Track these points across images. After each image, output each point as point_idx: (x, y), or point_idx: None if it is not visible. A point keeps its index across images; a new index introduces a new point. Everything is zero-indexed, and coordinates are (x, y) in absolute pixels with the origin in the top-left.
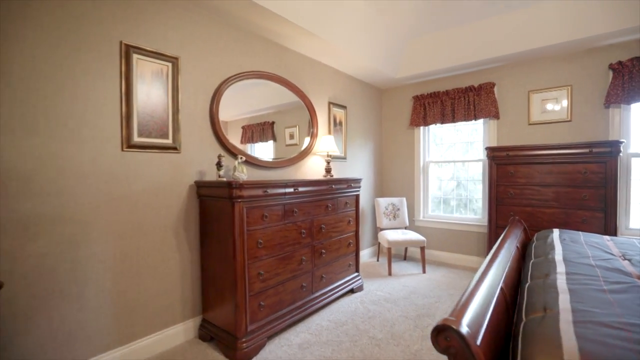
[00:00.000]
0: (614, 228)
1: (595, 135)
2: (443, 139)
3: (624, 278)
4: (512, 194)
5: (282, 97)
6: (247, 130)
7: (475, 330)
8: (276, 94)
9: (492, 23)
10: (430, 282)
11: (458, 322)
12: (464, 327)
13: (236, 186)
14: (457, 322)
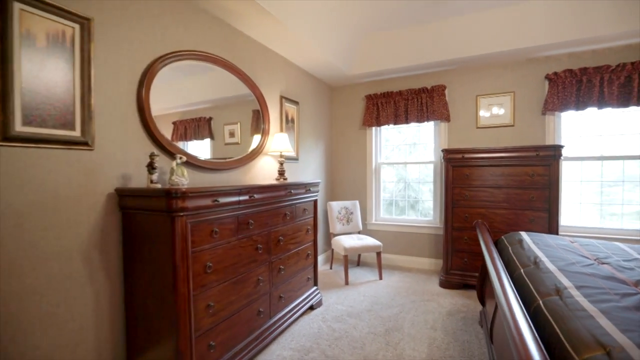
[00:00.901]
0: (556, 227)
1: (534, 140)
2: (389, 141)
3: (625, 288)
4: (467, 196)
5: (221, 89)
6: (180, 126)
7: None
8: (215, 87)
9: (447, 25)
10: (390, 289)
11: None
12: None
13: (178, 195)
14: None
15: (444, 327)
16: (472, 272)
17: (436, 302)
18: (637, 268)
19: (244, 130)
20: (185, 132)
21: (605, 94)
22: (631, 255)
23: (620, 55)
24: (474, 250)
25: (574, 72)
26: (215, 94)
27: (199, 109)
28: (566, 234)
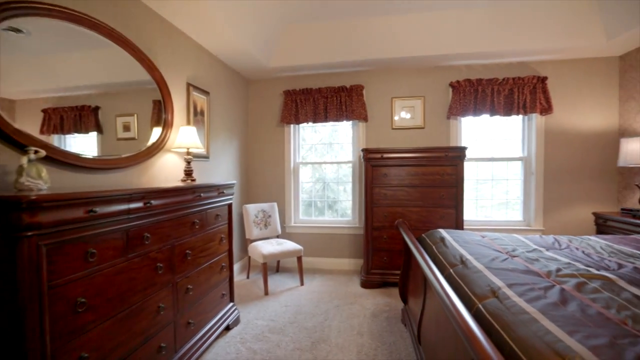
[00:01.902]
0: (462, 222)
1: (441, 142)
2: (306, 140)
3: (542, 281)
4: (386, 195)
5: (113, 73)
6: (54, 115)
7: None
8: (105, 68)
9: (367, 25)
10: (312, 295)
11: None
12: None
13: (23, 206)
14: None
15: (370, 330)
16: (392, 270)
17: (359, 304)
18: (541, 259)
19: (143, 123)
20: (62, 123)
21: (495, 103)
22: (530, 246)
23: (505, 71)
24: (393, 249)
25: (472, 82)
26: (106, 78)
27: (82, 95)
28: (467, 228)
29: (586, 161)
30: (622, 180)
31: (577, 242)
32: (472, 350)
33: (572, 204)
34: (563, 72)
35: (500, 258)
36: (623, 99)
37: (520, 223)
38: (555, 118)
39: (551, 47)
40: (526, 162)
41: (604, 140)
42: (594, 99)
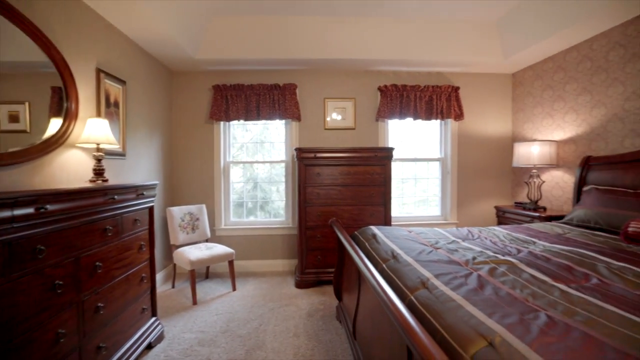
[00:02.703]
0: (390, 219)
1: (371, 142)
2: (236, 139)
3: (462, 269)
4: (319, 194)
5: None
6: None
7: None
8: None
9: (302, 23)
10: (246, 301)
11: None
12: None
13: None
14: None
15: (306, 331)
16: (327, 269)
17: (295, 305)
18: (459, 249)
19: (37, 113)
20: None
21: (418, 108)
22: (449, 238)
23: (426, 79)
24: (327, 247)
25: (398, 87)
26: None
27: None
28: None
29: (489, 162)
30: (515, 178)
31: (486, 232)
32: (409, 340)
33: (479, 199)
34: (471, 83)
35: (426, 251)
36: (514, 110)
37: (439, 218)
38: (466, 124)
39: (462, 60)
40: (443, 162)
41: (501, 144)
42: (494, 109)
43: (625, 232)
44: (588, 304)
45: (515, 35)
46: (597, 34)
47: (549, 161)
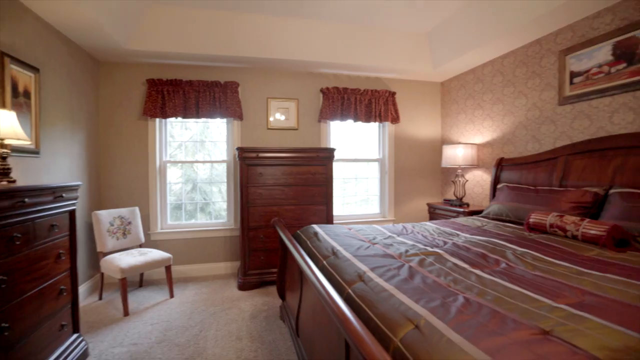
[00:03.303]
0: (332, 217)
1: (313, 143)
2: (174, 137)
3: (396, 262)
4: (262, 194)
5: None
6: None
7: None
8: None
9: (244, 20)
10: (185, 307)
11: None
12: None
13: None
14: None
15: (250, 333)
16: (270, 269)
17: (237, 307)
18: (394, 243)
19: None
20: None
21: (358, 111)
22: (386, 234)
23: (366, 83)
24: (270, 248)
25: (339, 90)
26: None
27: None
28: (336, 222)
29: (422, 162)
30: (444, 177)
31: (418, 227)
32: (344, 329)
33: (413, 197)
34: (406, 89)
35: (364, 246)
36: (443, 115)
37: (378, 215)
38: (402, 127)
39: (397, 68)
40: (381, 162)
41: (432, 146)
42: (426, 114)
43: (528, 222)
44: (497, 285)
45: (442, 47)
46: (507, 52)
47: (471, 162)
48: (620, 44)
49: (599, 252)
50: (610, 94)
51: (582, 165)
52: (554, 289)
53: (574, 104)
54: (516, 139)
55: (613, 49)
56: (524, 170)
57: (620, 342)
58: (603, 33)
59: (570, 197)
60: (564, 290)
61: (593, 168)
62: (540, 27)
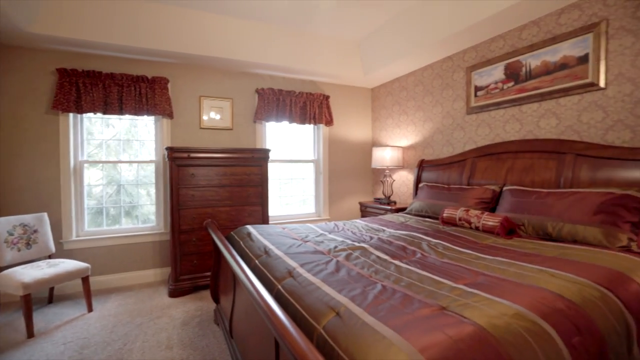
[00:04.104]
0: (267, 218)
1: (248, 143)
2: (94, 135)
3: (325, 257)
4: (194, 196)
5: None
6: None
7: None
8: None
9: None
10: (106, 321)
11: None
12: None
13: None
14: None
15: (181, 340)
16: (204, 273)
17: (168, 315)
18: (325, 240)
19: None
20: None
21: (293, 112)
22: (318, 232)
23: (301, 86)
24: (203, 251)
25: (274, 91)
26: None
27: None
28: (272, 222)
29: (354, 164)
30: (374, 178)
31: (349, 225)
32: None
33: (347, 196)
34: (340, 93)
35: (296, 244)
36: (373, 119)
37: (314, 215)
38: (335, 129)
39: (330, 72)
40: (316, 163)
41: (364, 148)
42: (358, 117)
43: (442, 217)
44: (411, 273)
45: (372, 56)
46: (426, 65)
47: (397, 163)
48: (509, 65)
49: (494, 240)
50: (503, 106)
51: (484, 166)
52: (456, 272)
53: (478, 114)
54: (434, 143)
55: (505, 69)
56: (440, 171)
57: (498, 310)
58: (498, 55)
59: (475, 194)
60: (464, 273)
61: (492, 169)
62: (451, 45)
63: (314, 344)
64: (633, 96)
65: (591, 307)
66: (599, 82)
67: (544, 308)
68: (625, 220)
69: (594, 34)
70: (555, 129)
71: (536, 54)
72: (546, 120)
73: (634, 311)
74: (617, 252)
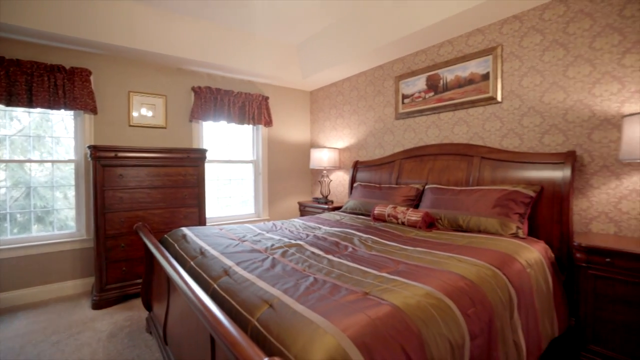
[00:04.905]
0: (205, 219)
1: (184, 143)
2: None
3: (261, 256)
4: (122, 198)
5: None
6: None
7: None
8: None
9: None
10: (12, 343)
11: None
12: None
13: None
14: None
15: (108, 354)
16: (134, 280)
17: (92, 329)
18: (262, 239)
19: None
20: None
21: (231, 112)
22: (256, 232)
23: (240, 86)
24: (133, 257)
25: (212, 90)
26: None
27: None
28: (210, 224)
29: (294, 164)
30: (313, 178)
31: (287, 224)
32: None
33: (286, 196)
34: (280, 95)
35: (233, 244)
36: (312, 121)
37: (253, 215)
38: (275, 130)
39: (269, 74)
40: (256, 164)
41: (303, 149)
42: (297, 119)
43: (373, 214)
44: (342, 265)
45: (310, 60)
46: (360, 72)
47: (334, 164)
48: (430, 77)
49: (417, 233)
50: (425, 114)
51: (410, 167)
52: (382, 262)
53: (404, 119)
54: (368, 145)
55: (426, 81)
56: (372, 171)
57: (412, 292)
58: (421, 67)
59: (402, 192)
60: (388, 263)
61: (416, 169)
62: (382, 56)
63: (249, 335)
64: (520, 110)
65: (484, 284)
66: (497, 97)
67: (448, 287)
68: (514, 212)
69: (493, 56)
70: (466, 135)
71: (451, 69)
72: (459, 127)
73: (515, 285)
74: (508, 238)
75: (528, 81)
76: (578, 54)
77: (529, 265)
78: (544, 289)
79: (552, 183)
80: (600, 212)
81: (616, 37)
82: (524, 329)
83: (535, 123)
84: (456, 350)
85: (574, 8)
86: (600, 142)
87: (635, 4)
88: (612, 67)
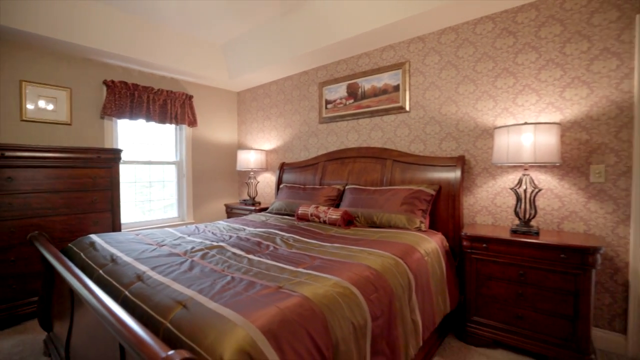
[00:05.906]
0: (119, 225)
1: (94, 142)
2: None
3: (180, 259)
4: (12, 204)
5: None
6: None
7: None
8: None
9: None
10: None
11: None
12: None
13: None
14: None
15: None
16: (29, 298)
17: None
18: (183, 243)
19: None
20: None
21: (151, 110)
22: (176, 235)
23: (160, 83)
24: (27, 272)
25: (128, 85)
26: None
27: None
28: (127, 230)
29: (220, 166)
30: (240, 180)
31: (210, 226)
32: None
33: (212, 198)
34: (205, 94)
35: (149, 250)
36: (239, 122)
37: (177, 219)
38: (200, 130)
39: (193, 72)
40: (179, 165)
41: (230, 151)
42: (224, 120)
43: (297, 214)
44: (261, 264)
45: (237, 61)
46: (286, 76)
47: (261, 166)
48: (350, 85)
49: (336, 231)
50: (346, 119)
51: (332, 168)
52: (300, 259)
53: (327, 124)
54: (294, 147)
55: (347, 88)
56: (298, 173)
57: (322, 283)
58: (342, 75)
59: (325, 192)
60: (305, 259)
61: (338, 171)
62: (306, 62)
63: (160, 337)
64: (424, 119)
65: (387, 272)
66: (406, 107)
67: (355, 277)
68: (418, 208)
69: (402, 70)
70: (381, 140)
71: (368, 79)
72: (375, 133)
73: (414, 271)
74: (413, 232)
75: (430, 94)
76: (465, 75)
77: (427, 254)
78: (439, 273)
79: (448, 183)
80: (483, 206)
81: (490, 63)
82: (421, 307)
83: (435, 131)
84: (359, 331)
85: (462, 36)
86: (482, 149)
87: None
88: (489, 87)
